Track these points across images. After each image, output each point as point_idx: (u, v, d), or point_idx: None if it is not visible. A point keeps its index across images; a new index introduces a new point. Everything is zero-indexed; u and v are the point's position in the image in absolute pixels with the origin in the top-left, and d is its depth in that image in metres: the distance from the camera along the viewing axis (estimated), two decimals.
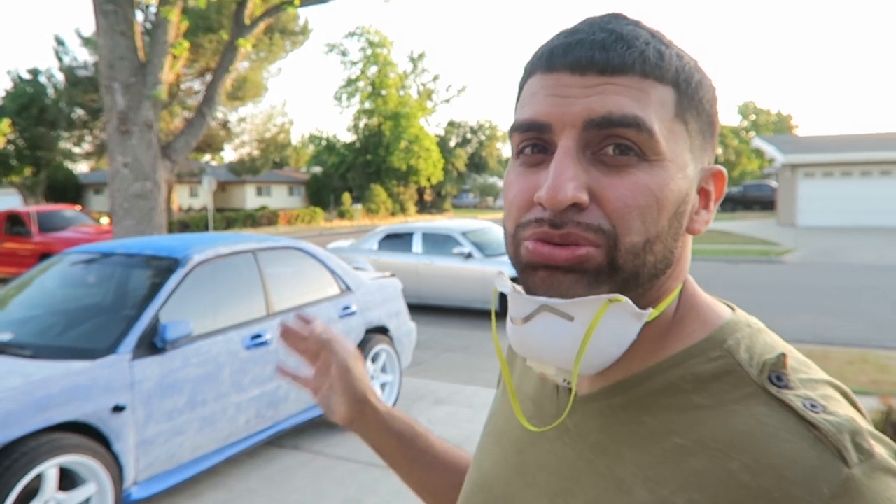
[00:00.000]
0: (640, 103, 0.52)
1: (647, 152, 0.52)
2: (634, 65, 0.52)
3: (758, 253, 15.17)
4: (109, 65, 7.31)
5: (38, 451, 2.80)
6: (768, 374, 0.52)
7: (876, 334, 7.28)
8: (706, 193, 0.59)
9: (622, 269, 0.53)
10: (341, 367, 0.87)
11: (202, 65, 22.91)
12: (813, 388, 0.52)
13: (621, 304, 0.52)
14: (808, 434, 0.47)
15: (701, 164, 0.57)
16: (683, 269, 0.59)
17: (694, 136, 0.56)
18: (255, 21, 8.73)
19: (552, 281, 0.53)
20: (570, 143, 0.52)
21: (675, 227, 0.55)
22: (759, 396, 0.51)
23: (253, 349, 3.88)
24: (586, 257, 0.52)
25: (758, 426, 0.49)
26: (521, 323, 0.55)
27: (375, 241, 10.01)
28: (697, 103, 0.56)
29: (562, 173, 0.51)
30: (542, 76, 0.55)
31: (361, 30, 42.55)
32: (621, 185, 0.52)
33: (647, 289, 0.55)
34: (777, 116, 64.91)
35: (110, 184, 7.55)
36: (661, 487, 0.50)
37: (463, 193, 59.48)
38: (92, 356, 3.18)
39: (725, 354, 0.54)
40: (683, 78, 0.54)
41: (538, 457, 0.62)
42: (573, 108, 0.52)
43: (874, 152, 22.26)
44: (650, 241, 0.53)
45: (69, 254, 4.32)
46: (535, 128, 0.54)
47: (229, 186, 40.71)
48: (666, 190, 0.53)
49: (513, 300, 0.57)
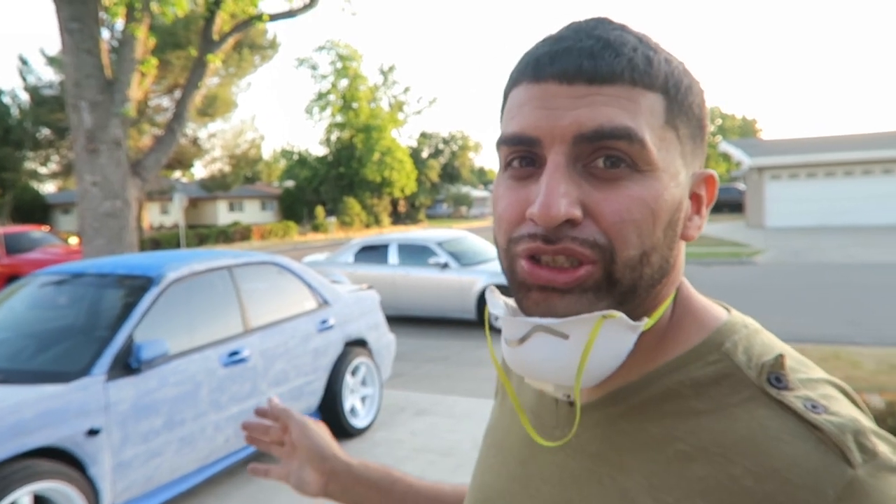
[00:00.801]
0: (629, 113, 0.51)
1: (638, 163, 0.51)
2: (623, 73, 0.51)
3: (729, 255, 15.40)
4: (76, 83, 7.20)
5: (11, 478, 2.72)
6: (767, 375, 0.51)
7: (847, 331, 7.42)
8: (698, 198, 0.58)
9: (620, 284, 0.52)
10: (300, 428, 0.85)
11: (170, 81, 22.69)
12: (813, 387, 0.51)
13: (616, 319, 0.51)
14: (811, 436, 0.47)
15: (692, 169, 0.56)
16: (678, 275, 0.59)
17: (685, 142, 0.55)
18: (224, 37, 8.68)
19: (548, 302, 0.52)
20: (561, 158, 0.51)
21: (670, 237, 0.54)
22: (760, 399, 0.50)
23: (231, 366, 3.83)
24: (585, 277, 0.51)
25: (759, 430, 0.48)
26: (516, 345, 0.54)
27: (351, 253, 9.97)
28: (687, 109, 0.55)
29: (553, 190, 0.50)
30: (529, 86, 0.53)
31: (331, 43, 42.52)
32: (615, 199, 0.51)
33: (644, 299, 0.55)
34: (742, 121, 66.19)
35: (79, 203, 7.42)
36: (666, 495, 0.50)
37: (437, 204, 59.57)
38: (65, 379, 3.11)
39: (723, 358, 0.54)
40: (672, 84, 0.53)
41: (541, 468, 0.61)
42: (562, 121, 0.51)
43: (838, 153, 22.80)
44: (646, 253, 0.52)
45: (39, 275, 4.23)
46: (523, 142, 0.53)
47: (201, 203, 40.26)
48: (660, 201, 0.52)
49: (505, 323, 0.56)
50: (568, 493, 0.57)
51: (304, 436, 0.85)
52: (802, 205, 23.15)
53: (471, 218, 55.98)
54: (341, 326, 4.80)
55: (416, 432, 4.80)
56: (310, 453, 0.85)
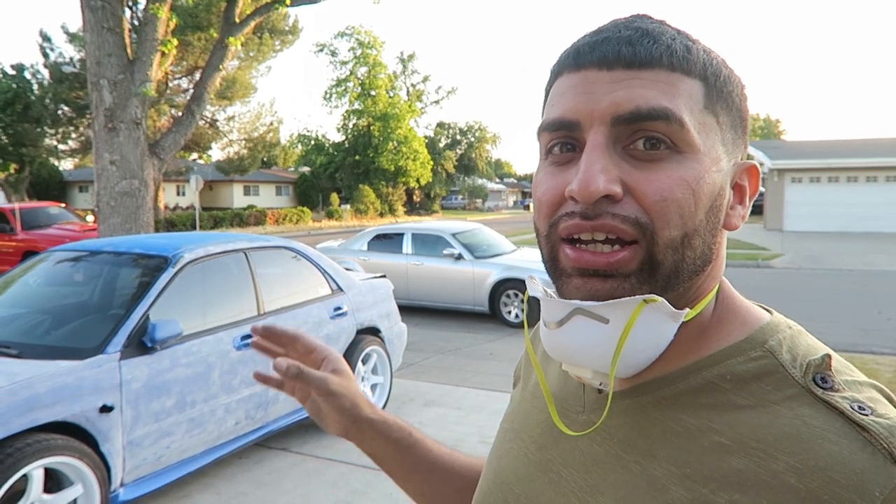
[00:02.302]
0: (667, 95, 0.51)
1: (678, 144, 0.51)
2: (661, 58, 0.52)
3: (745, 257, 15.27)
4: (97, 61, 7.22)
5: (24, 451, 2.74)
6: (813, 375, 0.50)
7: (863, 339, 7.33)
8: (741, 189, 0.58)
9: (662, 266, 0.51)
10: (321, 391, 0.78)
11: (190, 63, 22.73)
12: (858, 390, 0.50)
13: (657, 305, 0.51)
14: (858, 436, 0.46)
15: (734, 158, 0.56)
16: (720, 269, 0.58)
17: (725, 129, 0.55)
18: (246, 19, 8.67)
19: (588, 288, 0.52)
20: (600, 137, 0.52)
21: (713, 222, 0.54)
22: (804, 398, 0.49)
23: (243, 350, 3.83)
24: (628, 259, 0.51)
25: (803, 427, 0.48)
26: (555, 327, 0.55)
27: (365, 241, 9.96)
28: (726, 96, 0.55)
29: (592, 165, 0.50)
30: (570, 75, 0.55)
31: (352, 30, 42.49)
32: (656, 178, 0.51)
33: (687, 288, 0.54)
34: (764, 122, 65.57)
35: (97, 181, 7.46)
36: (700, 486, 0.49)
37: (452, 195, 59.50)
38: (80, 356, 3.12)
39: (766, 355, 0.53)
40: (711, 71, 0.54)
41: (563, 454, 0.60)
42: (601, 104, 0.52)
43: (861, 158, 22.50)
44: (688, 235, 0.52)
45: (55, 252, 4.25)
46: (563, 126, 0.54)
47: (217, 185, 40.46)
48: (701, 183, 0.52)
49: (545, 304, 0.56)
50: (592, 479, 0.56)
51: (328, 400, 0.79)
52: (823, 209, 22.89)
53: (485, 211, 55.91)
54: (354, 314, 4.79)
55: (424, 423, 4.79)
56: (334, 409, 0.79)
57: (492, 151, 57.65)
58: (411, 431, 0.84)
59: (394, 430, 0.82)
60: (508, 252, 9.36)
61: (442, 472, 0.83)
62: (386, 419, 0.83)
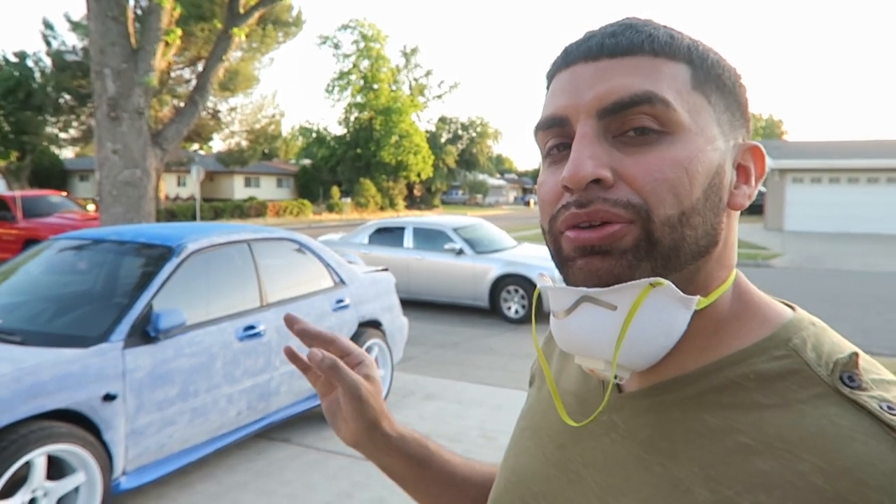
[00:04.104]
0: (650, 79, 0.52)
1: (667, 126, 0.52)
2: (643, 45, 0.53)
3: (746, 257, 15.27)
4: (100, 50, 7.20)
5: (27, 439, 2.75)
6: (840, 374, 0.49)
7: (863, 340, 7.34)
8: (745, 169, 0.58)
9: (660, 243, 0.51)
10: (350, 394, 0.74)
11: (194, 53, 22.68)
12: (887, 389, 0.49)
13: (664, 289, 0.51)
14: (887, 437, 0.45)
15: (734, 139, 0.56)
16: (730, 256, 0.58)
17: (719, 110, 0.55)
18: (250, 10, 8.64)
19: (590, 268, 0.52)
20: (588, 129, 0.53)
21: (713, 200, 0.54)
22: (830, 397, 0.48)
23: (246, 340, 3.83)
24: (620, 234, 0.51)
25: (830, 427, 0.47)
26: (563, 316, 0.55)
27: (366, 234, 9.96)
28: (716, 78, 0.55)
29: (581, 152, 0.52)
30: (560, 75, 0.57)
31: (355, 23, 42.37)
32: (646, 160, 0.52)
33: (693, 272, 0.54)
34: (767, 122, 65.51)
35: (99, 170, 7.44)
36: (725, 488, 0.48)
37: (452, 190, 59.47)
38: (83, 344, 3.12)
39: (791, 353, 0.52)
40: (697, 55, 0.55)
41: (582, 453, 0.59)
42: (585, 97, 0.53)
43: (862, 160, 22.49)
44: (685, 213, 0.52)
45: (59, 240, 4.25)
46: (554, 123, 0.55)
47: (217, 176, 40.40)
48: (695, 161, 0.52)
49: (552, 293, 0.56)
50: (613, 479, 0.55)
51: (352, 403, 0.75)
52: (823, 209, 22.89)
53: (486, 206, 55.87)
54: (356, 306, 4.79)
55: (424, 416, 4.80)
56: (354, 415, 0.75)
57: (493, 147, 57.58)
58: (427, 445, 0.80)
59: (411, 446, 0.79)
60: (509, 248, 9.36)
61: (460, 484, 0.81)
62: (403, 435, 0.79)
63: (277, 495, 3.57)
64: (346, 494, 3.58)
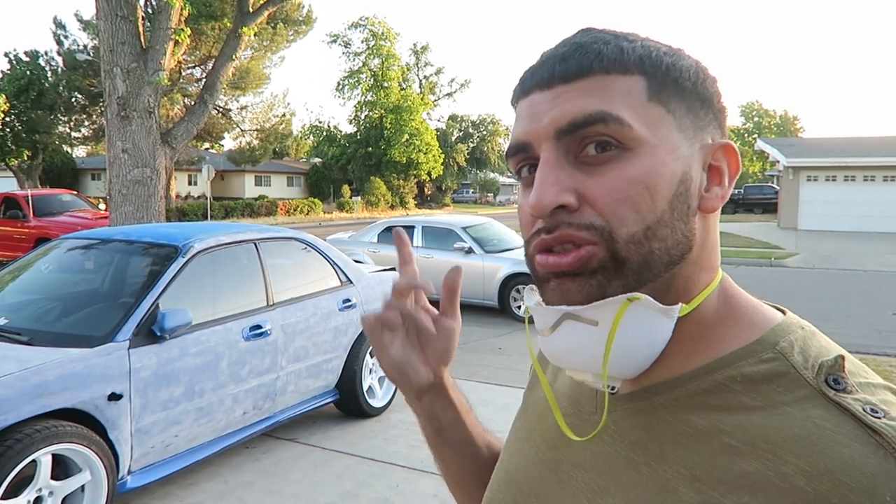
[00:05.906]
0: (602, 99, 0.53)
1: (625, 142, 0.52)
2: (592, 65, 0.54)
3: (759, 256, 15.15)
4: (110, 49, 7.23)
5: (33, 438, 2.75)
6: (825, 377, 0.50)
7: (877, 340, 7.25)
8: (717, 170, 0.57)
9: (628, 261, 0.52)
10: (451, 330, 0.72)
11: (203, 52, 22.76)
12: (872, 392, 0.49)
13: (642, 302, 0.52)
14: (869, 439, 0.45)
15: (699, 141, 0.55)
16: (711, 258, 0.57)
17: (680, 115, 0.55)
18: (259, 9, 8.66)
19: (562, 289, 0.54)
20: (550, 154, 0.54)
21: (681, 209, 0.54)
22: (815, 399, 0.49)
23: (252, 340, 3.82)
24: (586, 257, 0.52)
25: (814, 429, 0.47)
26: (549, 333, 0.56)
27: (375, 233, 9.95)
28: (673, 83, 0.55)
29: (543, 180, 0.53)
30: (520, 102, 0.58)
31: (365, 21, 42.36)
32: (606, 181, 0.52)
33: (670, 278, 0.54)
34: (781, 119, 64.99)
35: (109, 169, 7.48)
36: (710, 489, 0.48)
37: (463, 188, 59.40)
38: (89, 343, 3.12)
39: (778, 356, 0.52)
40: (650, 64, 0.54)
41: (573, 454, 0.60)
42: (543, 122, 0.54)
43: (878, 157, 22.23)
44: (650, 227, 0.52)
45: (67, 239, 4.26)
46: (520, 149, 0.57)
47: (228, 175, 40.58)
48: (655, 175, 0.52)
49: (536, 312, 0.57)
50: (603, 481, 0.56)
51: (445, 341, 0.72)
52: (838, 208, 22.65)
53: (497, 205, 55.80)
54: (363, 306, 4.78)
55: None
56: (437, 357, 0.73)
57: (504, 145, 57.45)
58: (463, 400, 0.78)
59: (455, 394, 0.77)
60: (519, 247, 9.32)
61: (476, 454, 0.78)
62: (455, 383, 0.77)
63: (283, 495, 3.56)
64: (351, 494, 3.57)
